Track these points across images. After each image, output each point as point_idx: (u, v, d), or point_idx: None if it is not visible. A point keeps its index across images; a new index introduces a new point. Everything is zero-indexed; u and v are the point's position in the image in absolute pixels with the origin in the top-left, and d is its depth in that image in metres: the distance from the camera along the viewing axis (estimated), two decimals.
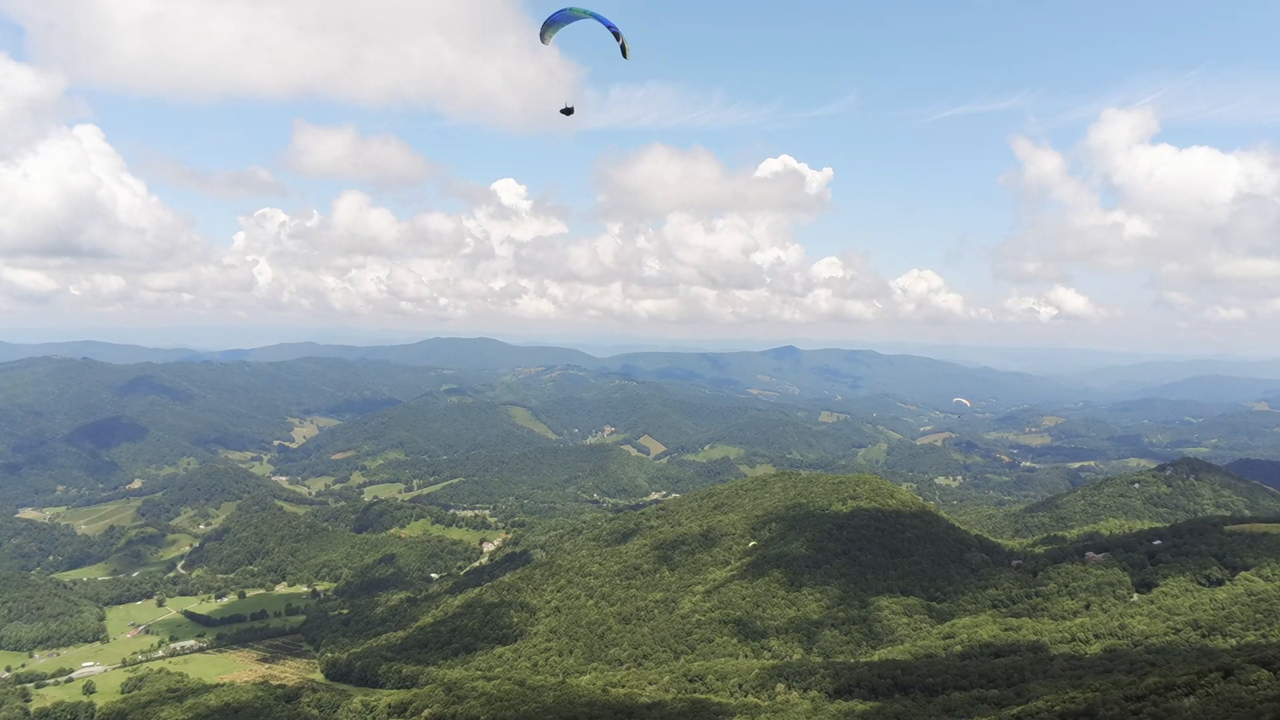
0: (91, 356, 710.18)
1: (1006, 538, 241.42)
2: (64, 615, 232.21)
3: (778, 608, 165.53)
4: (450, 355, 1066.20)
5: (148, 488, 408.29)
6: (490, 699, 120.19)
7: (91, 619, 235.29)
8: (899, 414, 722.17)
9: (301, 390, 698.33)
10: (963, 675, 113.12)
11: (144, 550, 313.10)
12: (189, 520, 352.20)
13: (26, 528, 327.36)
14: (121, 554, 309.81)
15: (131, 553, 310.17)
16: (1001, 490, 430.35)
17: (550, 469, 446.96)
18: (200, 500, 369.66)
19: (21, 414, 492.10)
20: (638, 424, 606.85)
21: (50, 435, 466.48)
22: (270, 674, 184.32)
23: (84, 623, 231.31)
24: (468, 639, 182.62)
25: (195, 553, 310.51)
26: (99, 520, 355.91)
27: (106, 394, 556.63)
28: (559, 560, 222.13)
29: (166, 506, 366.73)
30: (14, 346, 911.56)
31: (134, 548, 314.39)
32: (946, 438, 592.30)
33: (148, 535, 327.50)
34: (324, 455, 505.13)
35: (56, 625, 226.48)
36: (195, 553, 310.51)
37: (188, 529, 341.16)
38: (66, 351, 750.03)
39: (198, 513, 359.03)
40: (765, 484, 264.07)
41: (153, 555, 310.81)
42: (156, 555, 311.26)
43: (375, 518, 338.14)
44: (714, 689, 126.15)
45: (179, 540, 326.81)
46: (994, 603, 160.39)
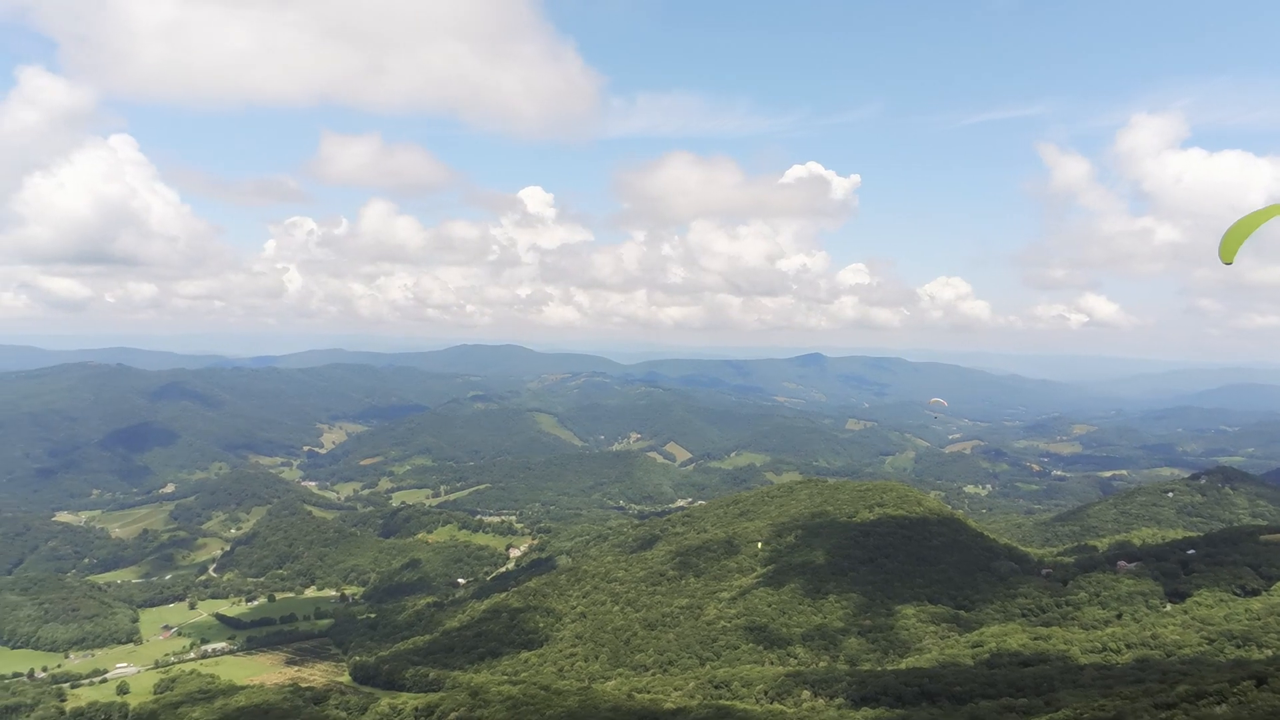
0: (125, 363, 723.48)
1: (1036, 546, 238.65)
2: (98, 617, 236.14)
3: (802, 615, 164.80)
4: (476, 362, 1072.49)
5: (179, 492, 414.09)
6: (515, 703, 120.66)
7: (125, 621, 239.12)
8: (926, 421, 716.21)
9: (330, 396, 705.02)
10: (990, 684, 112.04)
11: (175, 554, 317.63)
12: (220, 524, 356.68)
13: (62, 531, 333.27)
14: (154, 557, 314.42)
15: (163, 556, 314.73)
16: (1031, 499, 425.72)
17: (576, 475, 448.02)
18: (231, 505, 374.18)
19: (57, 419, 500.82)
20: (663, 431, 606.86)
21: (84, 440, 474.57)
22: (299, 676, 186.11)
23: (118, 624, 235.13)
24: (493, 643, 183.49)
25: (226, 556, 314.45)
26: (132, 524, 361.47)
27: (139, 400, 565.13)
28: (584, 566, 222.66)
29: (198, 511, 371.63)
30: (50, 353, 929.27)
31: (166, 551, 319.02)
32: (975, 446, 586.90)
33: (179, 539, 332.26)
34: (352, 461, 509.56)
35: (91, 627, 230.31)
36: (226, 556, 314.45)
37: (218, 533, 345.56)
38: (100, 358, 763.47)
39: (228, 517, 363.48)
40: (791, 491, 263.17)
41: (184, 558, 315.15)
42: (188, 558, 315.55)
43: (402, 523, 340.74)
44: (739, 695, 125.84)
45: (209, 544, 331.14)
46: (1023, 612, 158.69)
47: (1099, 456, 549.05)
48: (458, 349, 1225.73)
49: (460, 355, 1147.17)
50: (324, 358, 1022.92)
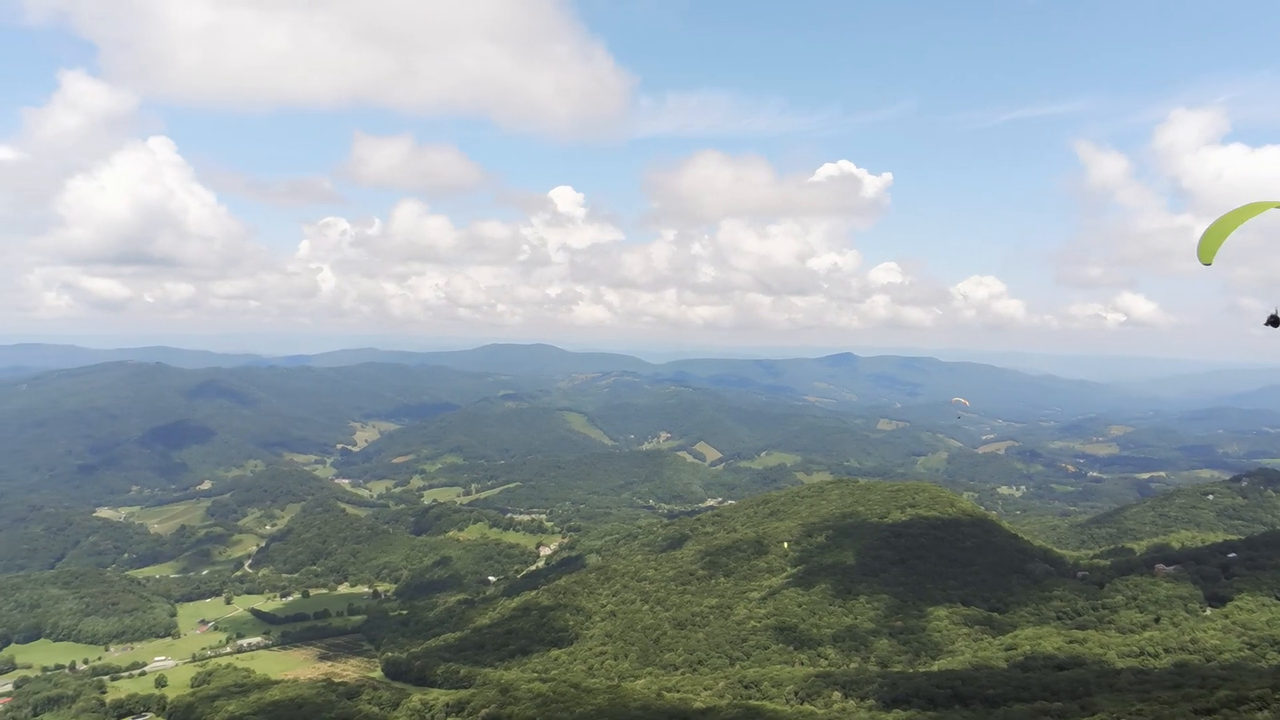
0: (163, 362, 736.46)
1: (1071, 549, 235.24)
2: (137, 611, 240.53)
3: (833, 615, 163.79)
4: (507, 361, 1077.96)
5: (216, 489, 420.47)
6: (544, 701, 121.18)
7: (163, 615, 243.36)
8: (959, 422, 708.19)
9: (362, 395, 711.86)
10: (1024, 687, 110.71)
11: (212, 549, 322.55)
12: (255, 521, 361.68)
13: (102, 526, 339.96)
14: (191, 553, 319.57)
15: (200, 552, 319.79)
16: (1066, 500, 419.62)
17: (605, 474, 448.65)
18: (266, 501, 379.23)
19: (98, 417, 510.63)
20: (693, 430, 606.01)
21: (124, 437, 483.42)
22: (332, 671, 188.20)
23: (156, 619, 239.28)
24: (523, 641, 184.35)
25: (261, 552, 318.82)
26: (170, 520, 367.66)
27: (176, 398, 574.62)
28: (614, 565, 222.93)
29: (233, 507, 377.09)
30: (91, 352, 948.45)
31: (202, 547, 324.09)
32: (1009, 446, 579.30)
33: (216, 535, 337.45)
34: (384, 459, 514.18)
35: (130, 620, 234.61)
36: (261, 552, 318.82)
37: (254, 529, 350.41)
38: (140, 357, 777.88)
39: (263, 514, 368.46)
40: (821, 491, 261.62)
41: (220, 554, 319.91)
42: (224, 554, 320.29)
43: (433, 520, 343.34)
44: (768, 695, 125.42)
45: (245, 540, 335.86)
46: (1057, 615, 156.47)
47: (1136, 458, 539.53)
48: (489, 348, 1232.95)
49: (491, 354, 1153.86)
50: (357, 357, 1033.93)
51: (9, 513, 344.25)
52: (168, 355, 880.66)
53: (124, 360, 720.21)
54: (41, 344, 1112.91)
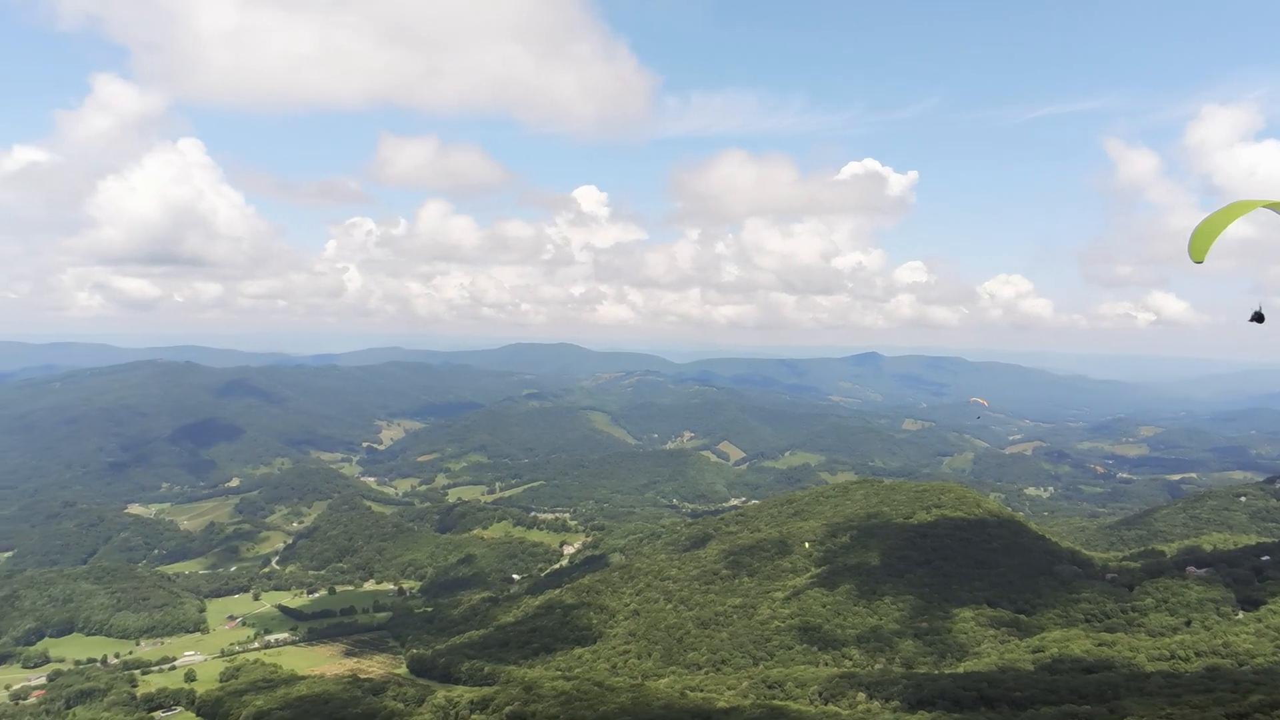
0: (192, 360, 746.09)
1: (1100, 551, 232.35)
2: (167, 606, 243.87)
3: (857, 616, 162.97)
4: (531, 360, 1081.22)
5: (244, 486, 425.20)
6: (568, 699, 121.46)
7: (192, 610, 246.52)
8: (986, 422, 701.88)
9: (388, 394, 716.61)
10: (1052, 690, 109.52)
11: (240, 546, 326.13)
12: (282, 518, 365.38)
13: (133, 522, 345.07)
14: (219, 549, 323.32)
15: (228, 548, 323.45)
16: (1095, 502, 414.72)
17: (629, 474, 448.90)
18: (293, 499, 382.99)
19: (128, 415, 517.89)
20: (716, 430, 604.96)
21: (154, 435, 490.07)
22: (357, 667, 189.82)
23: (185, 614, 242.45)
24: (546, 639, 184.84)
25: (288, 549, 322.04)
26: (199, 516, 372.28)
27: (205, 396, 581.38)
28: (637, 564, 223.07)
29: (261, 504, 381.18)
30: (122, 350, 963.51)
31: (230, 543, 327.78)
32: (1036, 447, 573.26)
33: (244, 532, 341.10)
34: (409, 457, 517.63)
35: (161, 616, 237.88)
36: (288, 549, 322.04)
37: (281, 526, 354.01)
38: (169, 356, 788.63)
39: (290, 511, 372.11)
40: (846, 491, 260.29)
41: (248, 551, 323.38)
42: (252, 551, 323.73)
43: (458, 519, 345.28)
44: (792, 696, 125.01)
45: (272, 537, 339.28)
46: (1086, 617, 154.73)
47: (1167, 459, 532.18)
48: (513, 347, 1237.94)
49: (515, 354, 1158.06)
50: (382, 356, 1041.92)
51: (43, 509, 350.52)
52: (197, 354, 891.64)
53: (154, 359, 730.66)
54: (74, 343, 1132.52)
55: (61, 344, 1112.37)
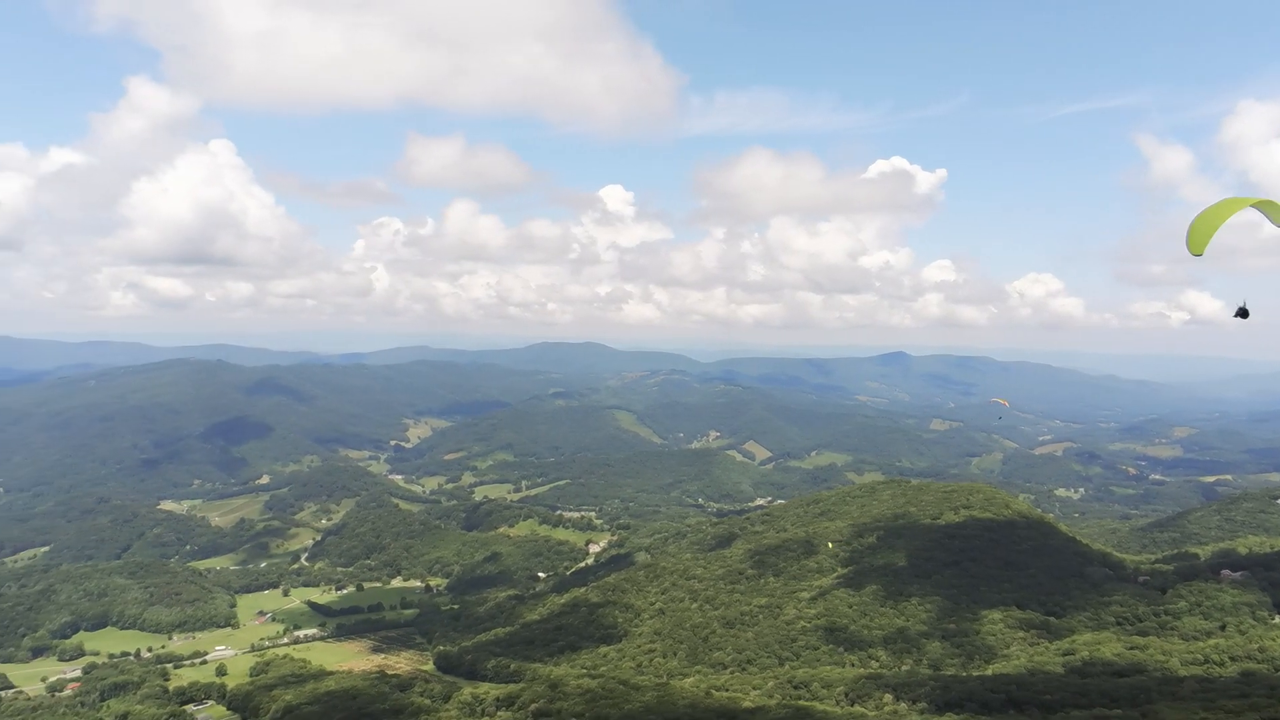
0: (224, 359, 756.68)
1: (1132, 553, 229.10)
2: (199, 601, 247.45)
3: (884, 617, 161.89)
4: (556, 359, 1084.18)
5: (273, 483, 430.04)
6: (593, 697, 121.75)
7: (223, 606, 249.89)
8: (1015, 422, 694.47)
9: (415, 392, 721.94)
10: (1082, 694, 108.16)
11: (270, 542, 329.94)
12: (311, 515, 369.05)
13: (166, 518, 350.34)
14: (249, 545, 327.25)
15: (259, 544, 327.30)
16: (1127, 504, 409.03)
17: (654, 473, 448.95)
18: (322, 496, 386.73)
19: (161, 412, 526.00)
20: (742, 429, 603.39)
21: (186, 433, 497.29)
22: (385, 664, 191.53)
23: (216, 609, 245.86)
24: (571, 637, 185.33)
25: (317, 546, 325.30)
26: (230, 513, 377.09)
27: (236, 394, 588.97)
28: (662, 563, 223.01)
29: (290, 501, 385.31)
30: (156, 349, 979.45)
31: (261, 540, 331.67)
32: (1067, 448, 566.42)
33: (273, 528, 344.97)
34: (436, 455, 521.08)
35: (192, 610, 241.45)
36: (317, 546, 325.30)
37: (310, 523, 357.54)
38: (201, 354, 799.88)
39: (319, 508, 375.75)
40: (873, 491, 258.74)
41: (278, 547, 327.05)
42: (281, 547, 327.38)
43: (484, 517, 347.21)
44: (818, 696, 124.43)
45: (301, 534, 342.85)
46: (1117, 620, 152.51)
47: (1201, 460, 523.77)
48: (539, 346, 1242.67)
49: (541, 353, 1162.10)
50: (410, 355, 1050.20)
51: (78, 504, 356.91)
52: (228, 353, 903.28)
53: (186, 358, 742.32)
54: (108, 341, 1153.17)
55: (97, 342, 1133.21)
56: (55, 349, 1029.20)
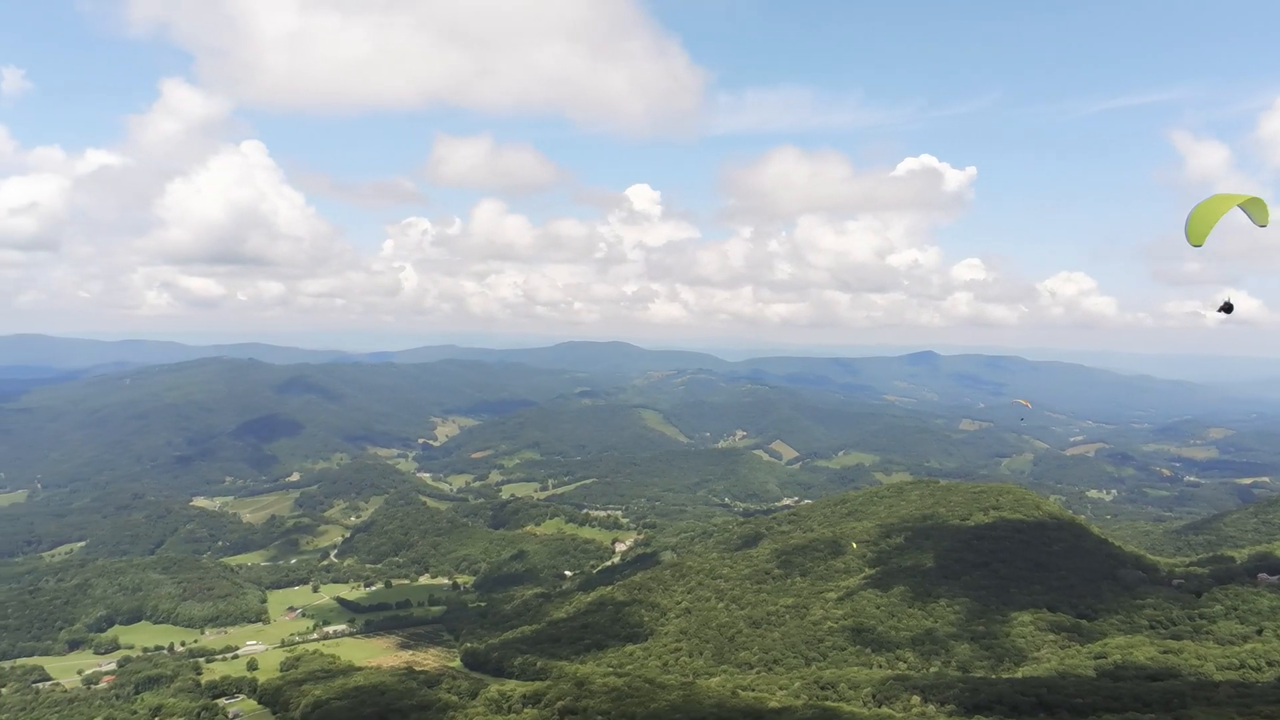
0: (255, 358, 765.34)
1: (1165, 556, 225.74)
2: (230, 597, 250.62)
3: (911, 618, 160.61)
4: (583, 358, 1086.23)
5: (303, 480, 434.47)
6: (618, 695, 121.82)
7: (254, 601, 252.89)
8: (1046, 423, 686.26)
9: (443, 391, 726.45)
10: (1114, 697, 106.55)
11: (300, 539, 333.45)
12: (340, 512, 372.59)
13: (199, 515, 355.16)
14: (280, 542, 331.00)
15: (289, 541, 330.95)
16: (1161, 505, 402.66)
17: (681, 472, 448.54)
18: (351, 494, 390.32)
19: (194, 410, 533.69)
20: (769, 429, 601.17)
21: (219, 430, 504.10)
22: (413, 660, 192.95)
23: (248, 604, 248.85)
24: (597, 635, 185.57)
25: (346, 543, 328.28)
26: (261, 510, 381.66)
27: (267, 392, 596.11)
28: (688, 562, 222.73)
29: (320, 499, 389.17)
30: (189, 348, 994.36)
31: (291, 536, 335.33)
32: (1099, 449, 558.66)
33: (303, 525, 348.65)
34: (464, 454, 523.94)
35: (224, 606, 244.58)
36: (346, 543, 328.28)
37: (339, 520, 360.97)
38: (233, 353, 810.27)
39: (348, 505, 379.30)
40: (901, 491, 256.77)
41: (307, 544, 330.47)
42: (311, 544, 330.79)
43: (511, 515, 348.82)
44: (845, 697, 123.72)
45: (331, 531, 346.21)
46: (1150, 623, 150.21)
47: (1238, 462, 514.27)
48: (565, 346, 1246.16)
49: (568, 352, 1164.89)
50: (437, 354, 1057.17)
51: (114, 500, 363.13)
52: (259, 351, 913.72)
53: (219, 356, 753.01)
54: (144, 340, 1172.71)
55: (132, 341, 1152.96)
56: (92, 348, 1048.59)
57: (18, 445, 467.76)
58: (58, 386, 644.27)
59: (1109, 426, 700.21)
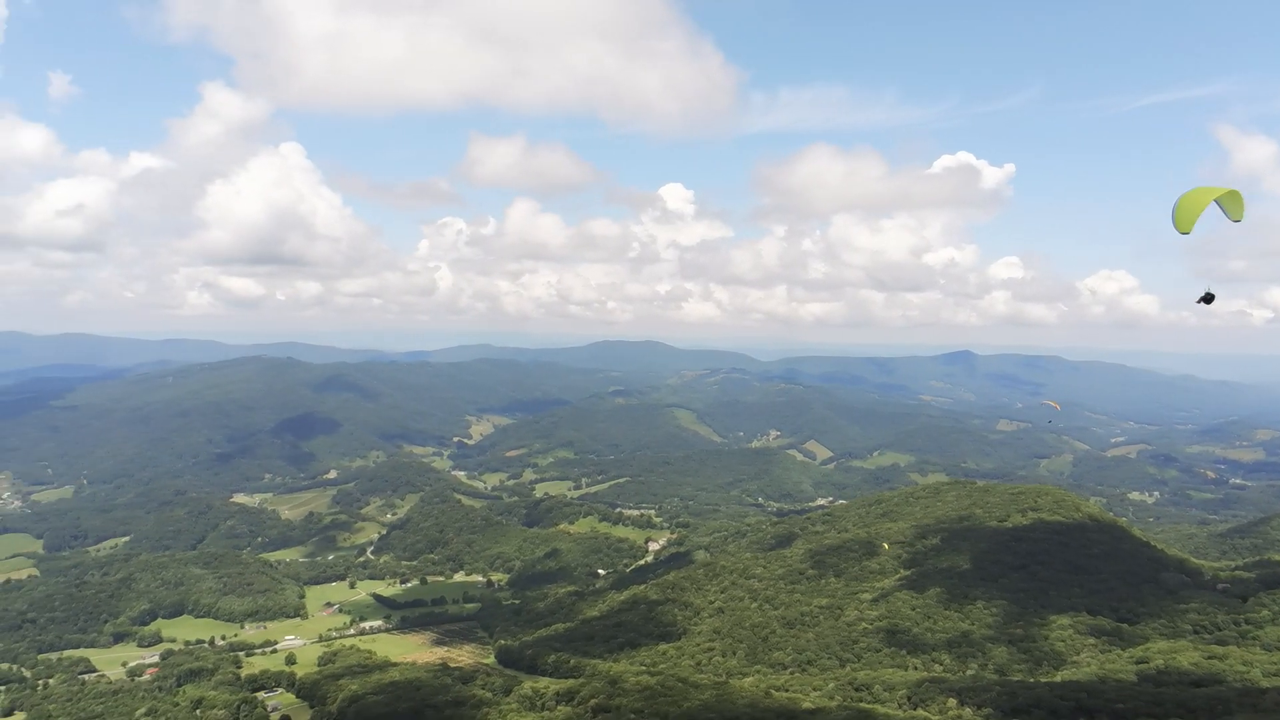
0: (294, 357, 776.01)
1: (1210, 560, 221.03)
2: (269, 592, 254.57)
3: (947, 620, 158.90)
4: (616, 358, 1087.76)
5: (341, 478, 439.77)
6: (651, 694, 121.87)
7: (293, 596, 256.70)
8: (1086, 424, 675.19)
9: (477, 390, 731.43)
10: (1156, 703, 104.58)
11: (337, 535, 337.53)
12: (377, 509, 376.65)
13: (239, 511, 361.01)
14: (317, 538, 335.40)
15: (326, 537, 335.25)
16: (1205, 508, 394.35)
17: (714, 471, 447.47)
18: (387, 491, 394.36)
19: (235, 408, 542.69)
20: (803, 428, 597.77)
21: (258, 428, 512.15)
22: (447, 656, 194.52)
23: (286, 600, 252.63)
24: (630, 634, 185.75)
25: (382, 540, 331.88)
26: (299, 506, 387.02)
27: (305, 391, 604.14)
28: (721, 561, 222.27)
29: (357, 496, 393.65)
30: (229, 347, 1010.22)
31: (328, 533, 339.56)
32: (1141, 450, 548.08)
33: (340, 522, 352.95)
34: (498, 452, 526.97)
35: (263, 601, 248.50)
36: (382, 540, 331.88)
37: (375, 517, 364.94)
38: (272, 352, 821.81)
39: (384, 502, 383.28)
40: (937, 492, 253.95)
41: (344, 540, 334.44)
42: (348, 540, 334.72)
43: (544, 513, 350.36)
44: (880, 699, 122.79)
45: (367, 527, 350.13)
46: (1194, 628, 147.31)
47: None
48: (599, 345, 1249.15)
49: (601, 351, 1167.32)
50: (472, 353, 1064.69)
51: (156, 496, 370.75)
52: (298, 350, 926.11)
53: (258, 355, 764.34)
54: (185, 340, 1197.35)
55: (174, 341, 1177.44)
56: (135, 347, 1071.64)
57: (65, 442, 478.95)
58: (103, 385, 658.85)
59: (1151, 428, 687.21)
